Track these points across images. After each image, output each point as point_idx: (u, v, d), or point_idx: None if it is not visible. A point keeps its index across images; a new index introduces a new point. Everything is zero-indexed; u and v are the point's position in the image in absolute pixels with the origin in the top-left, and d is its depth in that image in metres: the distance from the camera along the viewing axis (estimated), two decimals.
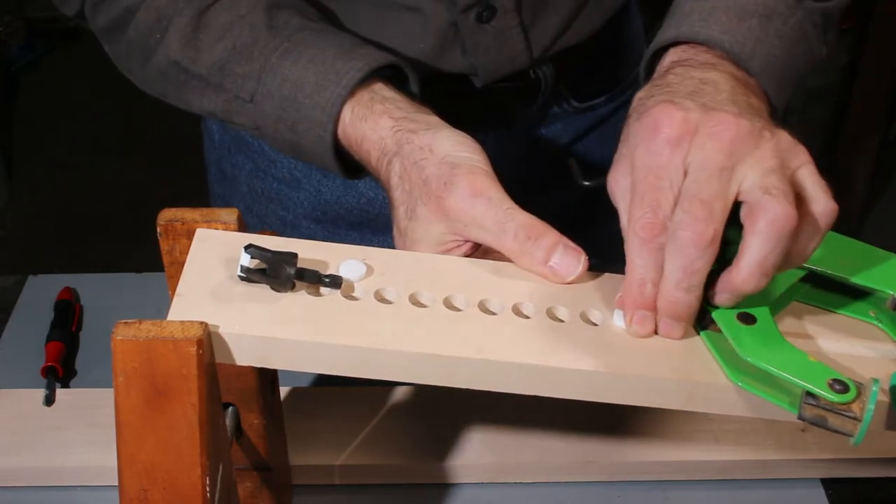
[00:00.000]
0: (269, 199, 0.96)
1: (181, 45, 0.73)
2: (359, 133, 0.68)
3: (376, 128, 0.67)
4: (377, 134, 0.67)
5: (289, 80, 0.70)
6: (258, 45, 0.71)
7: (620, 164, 0.58)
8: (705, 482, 0.79)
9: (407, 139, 0.65)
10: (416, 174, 0.63)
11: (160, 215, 0.61)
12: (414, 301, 0.58)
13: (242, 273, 0.56)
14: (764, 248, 0.53)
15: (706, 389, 0.56)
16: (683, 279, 0.54)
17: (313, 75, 0.69)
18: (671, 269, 0.54)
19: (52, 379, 0.85)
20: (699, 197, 0.53)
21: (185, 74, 0.74)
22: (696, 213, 0.53)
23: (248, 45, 0.72)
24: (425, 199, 0.62)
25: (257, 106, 0.72)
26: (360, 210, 0.94)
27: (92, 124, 2.84)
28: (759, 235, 0.53)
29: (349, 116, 0.68)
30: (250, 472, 0.72)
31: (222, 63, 0.72)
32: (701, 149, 0.54)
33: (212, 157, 1.01)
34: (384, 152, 0.66)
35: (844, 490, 0.79)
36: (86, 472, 0.77)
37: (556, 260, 0.59)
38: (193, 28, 0.73)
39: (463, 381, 0.56)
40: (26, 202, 2.64)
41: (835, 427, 0.52)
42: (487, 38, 0.79)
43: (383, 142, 0.66)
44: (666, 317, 0.56)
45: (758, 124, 0.55)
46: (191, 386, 0.52)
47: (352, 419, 0.80)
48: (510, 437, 0.79)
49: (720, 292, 0.56)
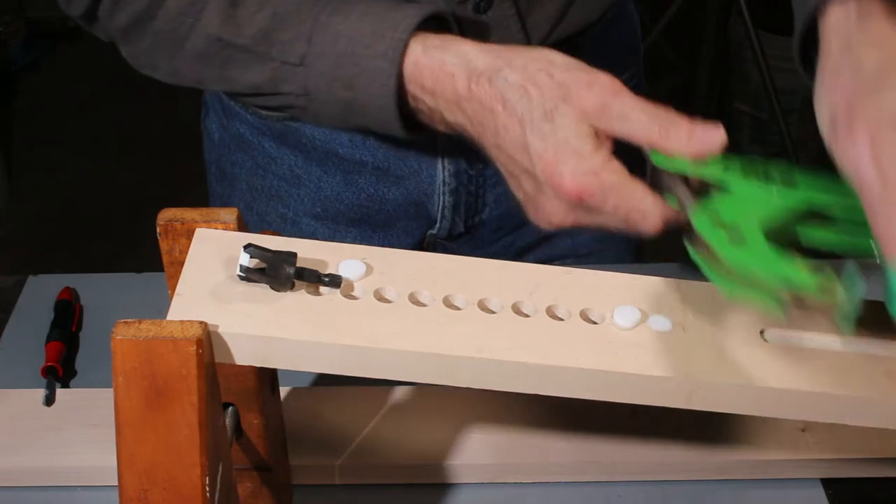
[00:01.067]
0: (270, 196, 0.96)
1: (222, 21, 0.73)
2: (436, 61, 0.68)
3: (459, 53, 0.68)
4: (461, 58, 0.67)
5: (343, 35, 0.70)
6: (303, 8, 0.71)
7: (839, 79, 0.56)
8: (705, 482, 0.79)
9: (511, 56, 0.66)
10: (544, 80, 0.65)
11: (160, 215, 0.61)
12: (414, 300, 0.58)
13: (242, 273, 0.56)
14: None
15: (706, 389, 0.56)
16: None
17: (369, 26, 0.69)
18: None
19: (52, 379, 0.85)
20: None
21: (228, 49, 0.74)
22: None
23: (291, 10, 0.72)
24: (567, 99, 0.64)
25: (308, 68, 0.72)
26: (361, 206, 0.94)
27: (92, 124, 2.84)
28: None
29: (420, 50, 0.69)
30: (250, 472, 0.72)
31: (266, 31, 0.72)
32: None
33: (211, 156, 1.01)
34: (475, 70, 0.67)
35: (844, 490, 0.79)
36: (86, 472, 0.77)
37: (699, 134, 0.62)
38: (231, 3, 0.73)
39: (463, 381, 0.56)
40: (26, 202, 2.64)
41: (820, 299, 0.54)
42: (484, 28, 0.79)
43: (472, 62, 0.67)
44: None
45: None
46: (191, 386, 0.52)
47: (352, 419, 0.80)
48: (510, 437, 0.79)
49: None
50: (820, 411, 0.58)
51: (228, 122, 0.95)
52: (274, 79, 0.74)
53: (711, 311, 0.60)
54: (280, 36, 0.72)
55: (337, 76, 0.71)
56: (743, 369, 0.57)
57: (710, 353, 0.57)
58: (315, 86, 0.72)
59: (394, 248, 0.62)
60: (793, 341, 0.59)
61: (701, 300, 0.61)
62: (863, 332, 0.60)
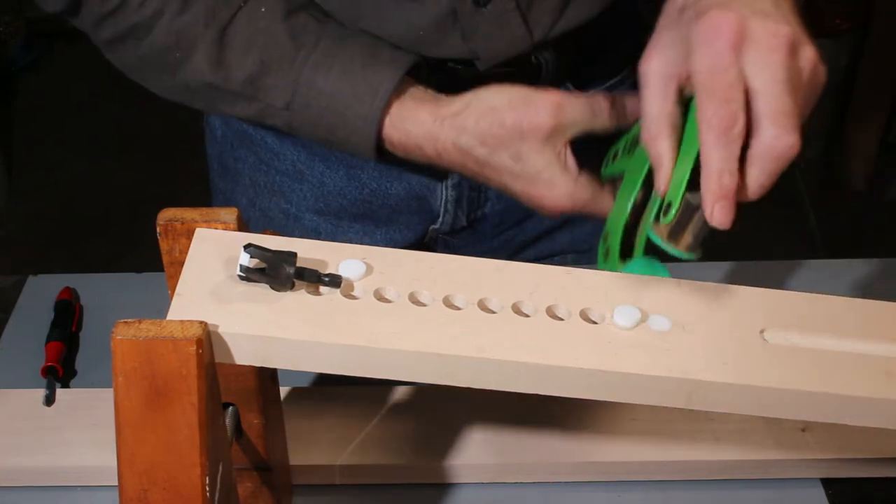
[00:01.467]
0: (273, 192, 0.96)
1: (211, 68, 0.77)
2: (401, 132, 0.76)
3: (418, 122, 0.75)
4: (423, 128, 0.75)
5: (325, 93, 0.76)
6: (286, 59, 0.76)
7: (665, 51, 0.61)
8: (705, 482, 0.79)
9: (461, 119, 0.74)
10: (498, 129, 0.72)
11: (160, 215, 0.61)
12: (414, 300, 0.58)
13: (242, 272, 0.56)
14: None
15: (706, 389, 0.56)
16: (768, 184, 0.58)
17: (349, 88, 0.75)
18: (757, 174, 0.57)
19: (52, 379, 0.85)
20: (786, 112, 0.57)
21: (217, 91, 0.78)
22: (787, 127, 0.56)
23: (275, 59, 0.76)
24: (524, 136, 0.72)
25: (293, 113, 0.78)
26: (364, 201, 0.94)
27: (91, 124, 2.83)
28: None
29: (388, 121, 0.76)
30: (250, 472, 0.72)
31: (253, 77, 0.77)
32: (765, 59, 0.57)
33: (214, 151, 1.01)
34: (438, 139, 0.75)
35: (844, 490, 0.79)
36: (86, 472, 0.77)
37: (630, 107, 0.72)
38: (218, 48, 0.76)
39: (463, 381, 0.56)
40: (26, 202, 2.64)
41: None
42: (486, 22, 0.80)
43: (432, 132, 0.75)
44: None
45: (802, 38, 0.59)
46: (191, 386, 0.52)
47: (352, 419, 0.80)
48: (510, 437, 0.79)
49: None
50: (820, 411, 0.58)
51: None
52: (260, 114, 0.79)
53: (711, 311, 0.60)
54: (266, 82, 0.77)
55: (320, 124, 0.77)
56: (743, 369, 0.57)
57: (710, 353, 0.57)
58: (299, 126, 0.79)
59: (394, 248, 0.62)
60: (793, 341, 0.59)
61: (701, 300, 0.61)
62: (863, 332, 0.60)
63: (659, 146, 0.60)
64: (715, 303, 0.61)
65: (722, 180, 0.57)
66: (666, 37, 0.61)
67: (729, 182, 0.57)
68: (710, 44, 0.58)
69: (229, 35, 0.76)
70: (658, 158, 0.60)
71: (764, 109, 0.57)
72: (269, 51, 0.76)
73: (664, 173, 0.60)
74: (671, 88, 0.60)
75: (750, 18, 0.58)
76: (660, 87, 0.60)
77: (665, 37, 0.62)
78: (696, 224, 0.60)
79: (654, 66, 0.61)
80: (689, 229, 0.60)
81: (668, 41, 0.61)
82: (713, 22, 0.58)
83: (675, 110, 0.60)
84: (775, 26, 0.58)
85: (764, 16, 0.59)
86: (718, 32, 0.58)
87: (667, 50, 0.61)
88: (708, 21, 0.58)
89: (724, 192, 0.57)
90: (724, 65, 0.57)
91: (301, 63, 0.76)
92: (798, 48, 0.59)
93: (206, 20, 0.76)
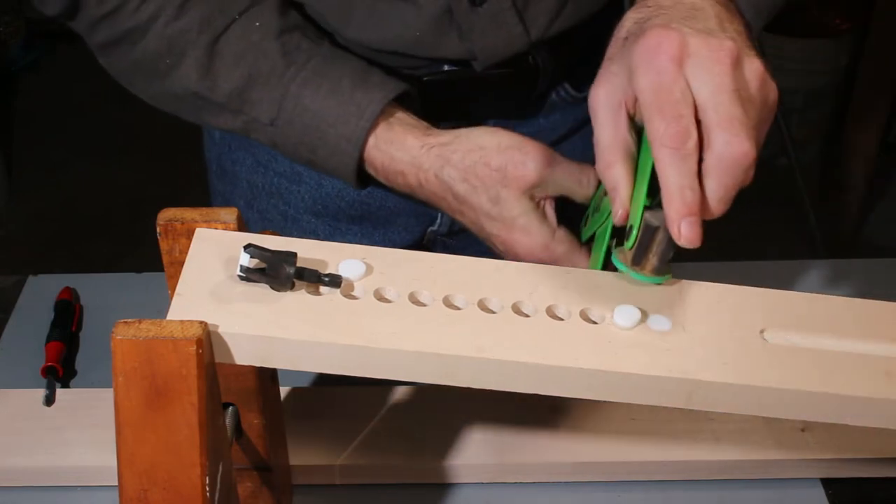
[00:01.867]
0: (270, 194, 0.96)
1: (199, 77, 0.76)
2: (386, 156, 0.75)
3: (404, 148, 0.74)
4: (408, 154, 0.74)
5: (310, 110, 0.75)
6: (275, 74, 0.76)
7: (611, 79, 0.60)
8: (705, 482, 0.79)
9: (448, 151, 0.72)
10: (482, 169, 0.71)
11: (160, 215, 0.61)
12: (414, 300, 0.58)
13: (242, 273, 0.56)
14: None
15: (706, 389, 0.56)
16: (728, 196, 0.56)
17: (335, 107, 0.75)
18: (715, 186, 0.56)
19: (52, 379, 0.85)
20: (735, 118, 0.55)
21: (203, 101, 0.78)
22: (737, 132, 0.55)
23: (264, 74, 0.76)
24: (506, 183, 0.71)
25: (277, 129, 0.77)
26: (361, 203, 0.94)
27: (92, 124, 2.83)
28: None
29: (373, 141, 0.75)
30: (250, 472, 0.72)
31: (240, 90, 0.77)
32: (709, 72, 0.56)
33: (212, 154, 1.01)
34: (421, 168, 0.73)
35: (844, 490, 0.79)
36: (86, 472, 0.77)
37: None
38: (208, 58, 0.76)
39: (463, 381, 0.56)
40: (26, 202, 2.64)
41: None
42: (482, 21, 0.80)
43: (417, 159, 0.73)
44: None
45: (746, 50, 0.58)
46: (191, 386, 0.52)
47: (352, 419, 0.80)
48: (510, 437, 0.79)
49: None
50: (820, 411, 0.58)
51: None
52: (245, 128, 0.79)
53: (711, 311, 0.60)
54: (253, 95, 0.77)
55: (302, 142, 0.77)
56: (743, 369, 0.57)
57: (710, 353, 0.57)
58: (282, 143, 0.78)
59: (394, 248, 0.62)
60: (793, 341, 0.59)
61: (701, 300, 0.61)
62: (863, 332, 0.60)
63: (613, 173, 0.59)
64: (715, 303, 0.61)
65: (684, 196, 0.55)
66: (612, 67, 0.61)
67: (691, 197, 0.55)
68: (651, 62, 0.57)
69: (220, 45, 0.76)
70: (613, 184, 0.59)
71: (713, 119, 0.56)
72: (259, 65, 0.76)
73: (620, 198, 0.59)
74: (620, 116, 0.59)
75: (691, 35, 0.57)
76: (608, 116, 0.60)
77: (611, 67, 0.61)
78: (660, 245, 0.59)
79: (601, 96, 0.60)
80: (652, 251, 0.59)
81: (614, 71, 0.60)
82: (653, 40, 0.57)
83: (628, 137, 0.59)
84: (718, 41, 0.57)
85: (706, 33, 0.58)
86: (658, 50, 0.57)
87: (612, 78, 0.60)
88: (648, 40, 0.58)
89: (689, 209, 0.55)
90: (667, 81, 0.56)
91: (290, 79, 0.76)
92: (743, 61, 0.58)
93: (201, 27, 0.76)
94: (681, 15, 0.60)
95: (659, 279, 0.60)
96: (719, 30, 0.59)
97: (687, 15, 0.60)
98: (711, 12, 0.61)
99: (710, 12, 0.61)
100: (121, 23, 0.76)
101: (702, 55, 0.57)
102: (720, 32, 0.59)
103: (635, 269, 0.59)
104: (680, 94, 0.56)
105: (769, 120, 0.60)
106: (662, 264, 0.59)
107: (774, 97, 0.59)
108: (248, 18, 0.76)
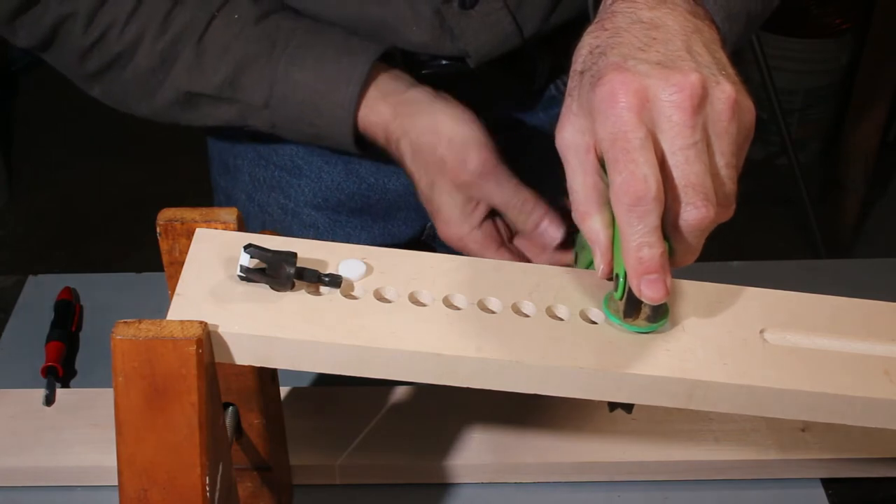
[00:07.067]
0: (271, 187, 0.97)
1: (189, 75, 0.78)
2: (364, 120, 0.78)
3: (378, 112, 0.77)
4: (380, 118, 0.77)
5: (300, 84, 0.77)
6: (261, 57, 0.78)
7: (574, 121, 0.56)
8: (705, 482, 0.79)
9: (410, 124, 0.76)
10: (429, 154, 0.75)
11: (160, 215, 0.61)
12: (413, 300, 0.58)
13: (242, 273, 0.56)
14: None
15: (706, 389, 0.56)
16: (693, 250, 0.56)
17: (323, 77, 0.77)
18: (676, 244, 0.55)
19: (52, 379, 0.85)
20: (692, 184, 0.53)
21: (197, 98, 0.80)
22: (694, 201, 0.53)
23: (251, 59, 0.78)
24: (443, 174, 0.74)
25: (273, 110, 0.79)
26: (362, 195, 0.95)
27: (92, 124, 2.82)
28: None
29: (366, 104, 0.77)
30: (250, 472, 0.72)
31: (231, 79, 0.79)
32: (669, 121, 0.53)
33: (214, 149, 1.02)
34: (389, 134, 0.77)
35: (844, 490, 0.79)
36: (86, 472, 0.77)
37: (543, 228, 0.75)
38: (196, 56, 0.78)
39: (463, 380, 0.56)
40: (26, 202, 2.63)
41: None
42: (474, 23, 0.80)
43: (387, 126, 0.77)
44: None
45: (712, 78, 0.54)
46: (190, 386, 0.52)
47: (352, 419, 0.80)
48: (510, 437, 0.79)
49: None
50: (820, 411, 0.58)
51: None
52: (242, 116, 0.81)
53: (711, 311, 0.60)
54: (243, 82, 0.79)
55: (300, 117, 0.79)
56: (743, 369, 0.57)
57: (710, 353, 0.57)
58: (280, 123, 0.80)
59: (394, 248, 0.62)
60: (793, 341, 0.59)
61: (701, 300, 0.61)
62: (863, 332, 0.60)
63: (590, 224, 0.56)
64: (715, 303, 0.61)
65: (640, 255, 0.52)
66: (573, 107, 0.57)
67: (649, 255, 0.52)
68: (608, 112, 0.53)
69: (204, 42, 0.78)
70: (592, 236, 0.56)
71: (674, 177, 0.53)
72: (245, 52, 0.78)
73: (601, 250, 0.56)
74: (589, 159, 0.56)
75: (648, 76, 0.53)
76: (577, 161, 0.56)
77: (573, 105, 0.57)
78: None
79: (567, 138, 0.56)
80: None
81: (576, 109, 0.57)
82: (609, 88, 0.53)
83: (600, 183, 0.56)
84: (680, 77, 0.53)
85: (664, 67, 0.54)
86: (614, 99, 0.53)
87: (575, 120, 0.56)
88: (603, 88, 0.54)
89: (647, 267, 0.53)
90: (625, 131, 0.52)
91: (276, 59, 0.78)
92: (709, 94, 0.53)
93: (186, 33, 0.78)
94: (639, 41, 0.56)
95: (654, 326, 0.57)
96: (683, 54, 0.55)
97: (646, 40, 0.56)
98: (675, 29, 0.56)
99: (673, 29, 0.56)
100: (110, 47, 0.78)
101: (661, 101, 0.53)
102: (683, 61, 0.54)
103: (628, 321, 0.57)
104: (639, 144, 0.52)
105: (748, 140, 0.56)
106: (656, 312, 0.57)
107: (751, 118, 0.55)
108: (226, 13, 0.79)
